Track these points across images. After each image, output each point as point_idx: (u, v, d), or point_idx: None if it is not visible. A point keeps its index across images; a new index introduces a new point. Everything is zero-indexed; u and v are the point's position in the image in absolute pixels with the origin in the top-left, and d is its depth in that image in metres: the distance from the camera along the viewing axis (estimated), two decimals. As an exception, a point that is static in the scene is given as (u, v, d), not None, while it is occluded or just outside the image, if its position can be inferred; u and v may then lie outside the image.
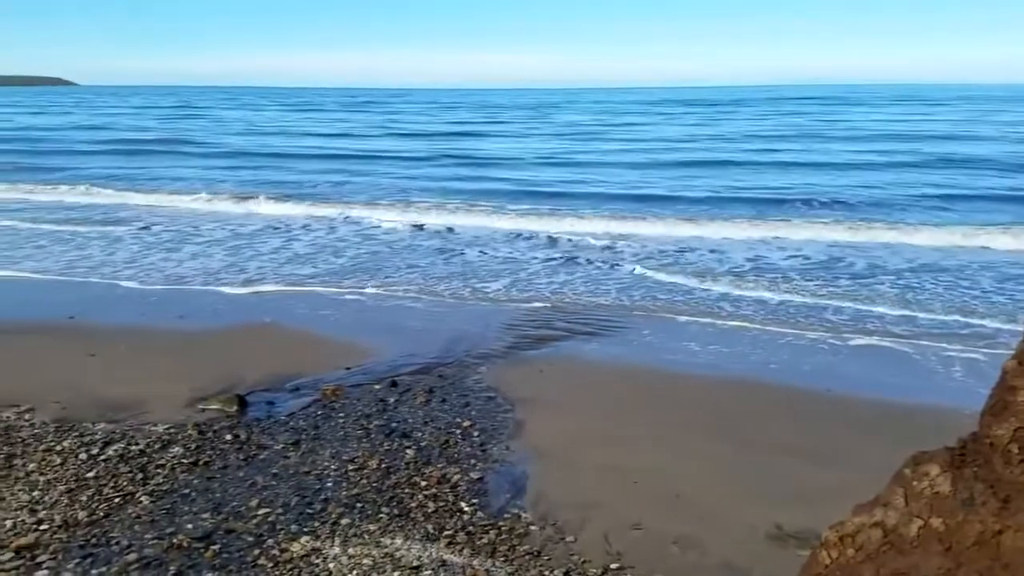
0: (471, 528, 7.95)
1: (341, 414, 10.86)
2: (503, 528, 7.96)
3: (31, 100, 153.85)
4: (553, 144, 58.43)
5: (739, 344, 14.10)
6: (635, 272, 19.61)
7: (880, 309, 16.06)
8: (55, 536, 7.57)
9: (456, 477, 9.01)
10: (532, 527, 8.00)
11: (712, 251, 21.90)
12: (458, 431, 10.32)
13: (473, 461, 9.46)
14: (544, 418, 10.82)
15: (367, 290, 17.84)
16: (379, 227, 26.11)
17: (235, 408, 10.93)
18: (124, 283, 18.31)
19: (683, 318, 15.61)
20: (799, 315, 15.81)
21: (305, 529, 7.82)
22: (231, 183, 35.98)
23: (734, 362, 13.20)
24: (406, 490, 8.69)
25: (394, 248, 22.74)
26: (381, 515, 8.12)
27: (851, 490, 6.96)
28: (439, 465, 9.31)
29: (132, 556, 7.27)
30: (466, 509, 8.32)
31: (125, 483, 8.66)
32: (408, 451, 9.68)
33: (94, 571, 7.04)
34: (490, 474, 9.16)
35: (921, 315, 15.63)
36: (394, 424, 10.52)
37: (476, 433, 10.27)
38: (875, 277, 18.87)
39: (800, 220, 25.92)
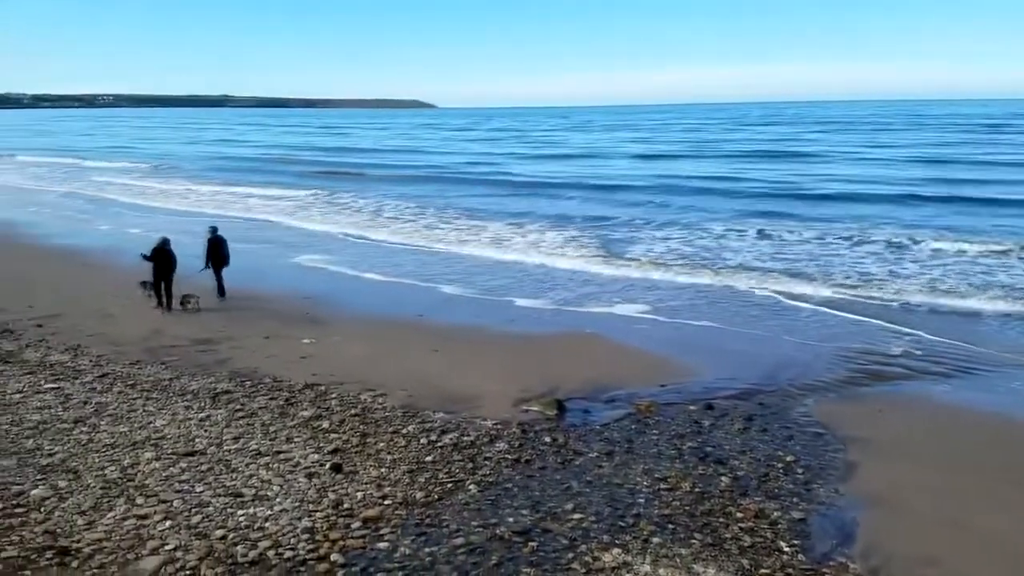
0: (790, 571, 7.38)
1: (654, 431, 10.76)
2: (827, 576, 7.27)
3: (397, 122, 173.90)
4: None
5: None
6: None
7: None
8: (396, 512, 8.39)
9: (776, 514, 8.44)
10: (862, 580, 7.20)
11: None
12: (779, 465, 9.67)
13: (795, 499, 8.79)
14: (881, 462, 9.74)
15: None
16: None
17: (554, 412, 11.35)
18: (458, 290, 20.07)
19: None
20: None
21: (616, 541, 7.83)
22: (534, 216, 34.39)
23: None
24: (720, 519, 8.32)
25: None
26: (693, 540, 7.86)
27: None
28: (756, 498, 8.79)
29: (459, 540, 7.83)
30: (786, 549, 7.75)
31: (457, 470, 9.39)
32: (723, 478, 9.28)
33: (426, 549, 7.68)
34: (814, 516, 8.44)
35: None
36: (708, 448, 10.17)
37: (800, 470, 9.54)
38: None
39: None
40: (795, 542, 7.88)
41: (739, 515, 8.40)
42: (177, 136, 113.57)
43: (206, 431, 10.47)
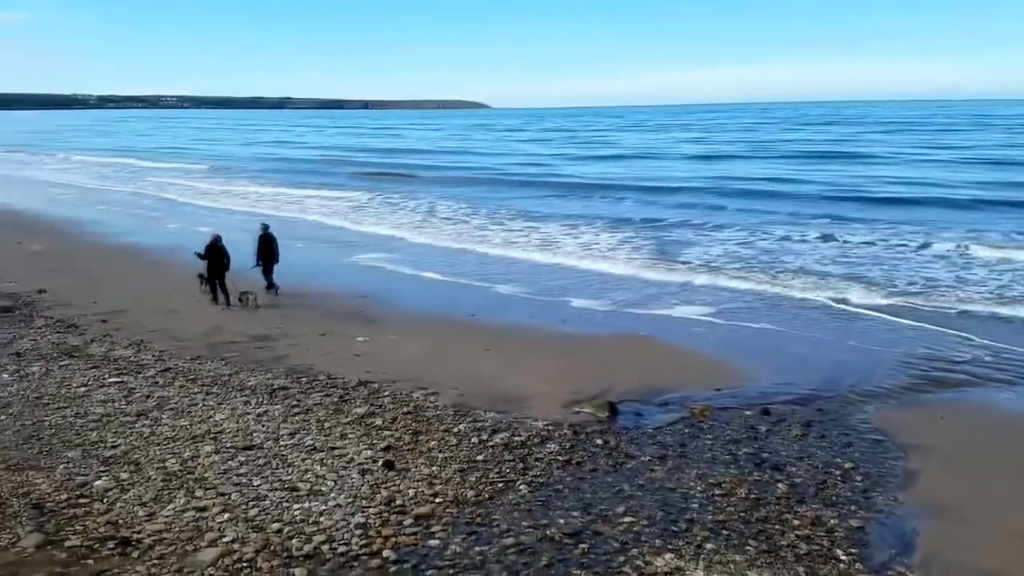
0: (848, 580, 7.20)
1: (708, 436, 10.61)
2: (886, 586, 7.07)
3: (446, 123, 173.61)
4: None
5: None
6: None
7: None
8: (447, 510, 8.43)
9: (833, 522, 8.24)
10: (922, 592, 6.98)
11: None
12: (837, 472, 9.44)
13: (853, 507, 8.58)
14: (943, 471, 9.45)
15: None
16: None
17: (606, 414, 11.27)
18: (513, 290, 20.09)
19: None
20: None
21: (669, 546, 7.73)
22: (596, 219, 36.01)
23: None
24: (775, 526, 8.16)
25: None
26: (748, 547, 7.72)
27: None
28: (813, 506, 8.60)
29: (509, 540, 7.82)
30: (843, 558, 7.57)
31: (508, 470, 9.39)
32: (779, 485, 9.10)
33: (476, 548, 7.70)
34: (873, 524, 8.23)
35: None
36: (764, 454, 9.98)
37: (859, 478, 9.30)
38: None
39: None
40: (852, 551, 7.69)
41: (795, 522, 8.23)
42: (236, 138, 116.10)
43: (263, 426, 10.67)
